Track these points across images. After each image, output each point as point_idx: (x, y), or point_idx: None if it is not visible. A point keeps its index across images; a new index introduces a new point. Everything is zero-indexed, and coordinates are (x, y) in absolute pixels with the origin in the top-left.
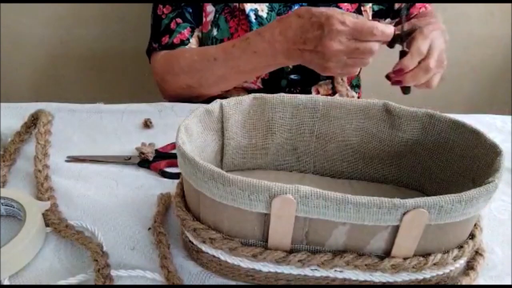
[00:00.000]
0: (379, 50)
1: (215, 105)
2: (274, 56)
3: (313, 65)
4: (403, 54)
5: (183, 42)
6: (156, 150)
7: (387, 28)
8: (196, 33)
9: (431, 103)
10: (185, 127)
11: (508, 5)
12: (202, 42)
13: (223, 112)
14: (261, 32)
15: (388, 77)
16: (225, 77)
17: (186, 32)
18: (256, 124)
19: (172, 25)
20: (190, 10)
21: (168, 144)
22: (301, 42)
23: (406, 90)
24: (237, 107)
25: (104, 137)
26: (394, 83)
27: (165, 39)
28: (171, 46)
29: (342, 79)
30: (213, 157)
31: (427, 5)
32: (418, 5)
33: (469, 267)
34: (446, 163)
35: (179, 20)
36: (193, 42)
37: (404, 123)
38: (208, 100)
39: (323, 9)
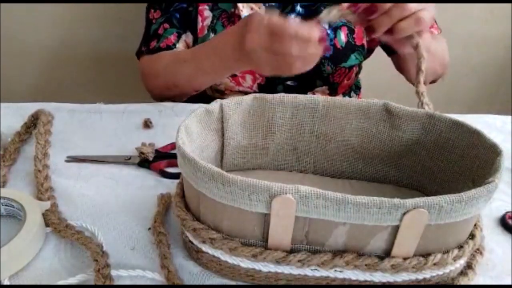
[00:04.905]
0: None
1: (215, 105)
2: (227, 58)
3: (250, 66)
4: None
5: (170, 47)
6: (156, 150)
7: (304, 31)
8: (184, 38)
9: (431, 103)
10: (185, 127)
11: (508, 5)
12: None
13: (223, 112)
14: (224, 33)
15: None
16: (193, 77)
17: (172, 37)
18: (256, 124)
19: (160, 30)
20: (178, 16)
21: (168, 144)
22: (238, 42)
23: None
24: (237, 107)
25: (104, 137)
26: None
27: (153, 44)
28: (158, 51)
29: None
30: (213, 157)
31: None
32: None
33: (468, 267)
34: (446, 163)
35: (166, 25)
36: (181, 47)
37: (404, 123)
38: (207, 100)
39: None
